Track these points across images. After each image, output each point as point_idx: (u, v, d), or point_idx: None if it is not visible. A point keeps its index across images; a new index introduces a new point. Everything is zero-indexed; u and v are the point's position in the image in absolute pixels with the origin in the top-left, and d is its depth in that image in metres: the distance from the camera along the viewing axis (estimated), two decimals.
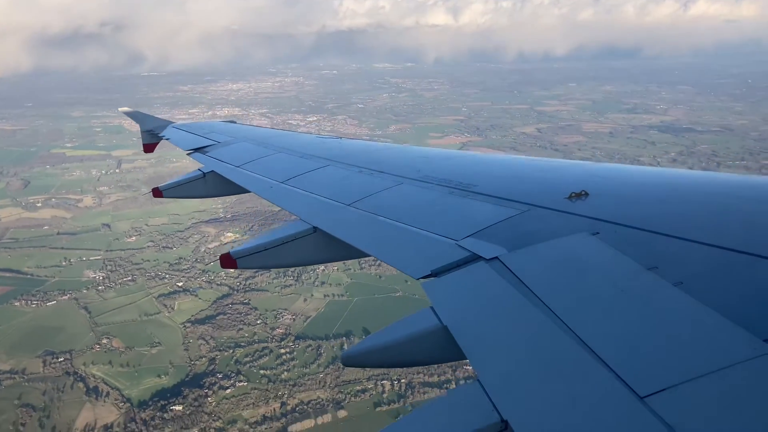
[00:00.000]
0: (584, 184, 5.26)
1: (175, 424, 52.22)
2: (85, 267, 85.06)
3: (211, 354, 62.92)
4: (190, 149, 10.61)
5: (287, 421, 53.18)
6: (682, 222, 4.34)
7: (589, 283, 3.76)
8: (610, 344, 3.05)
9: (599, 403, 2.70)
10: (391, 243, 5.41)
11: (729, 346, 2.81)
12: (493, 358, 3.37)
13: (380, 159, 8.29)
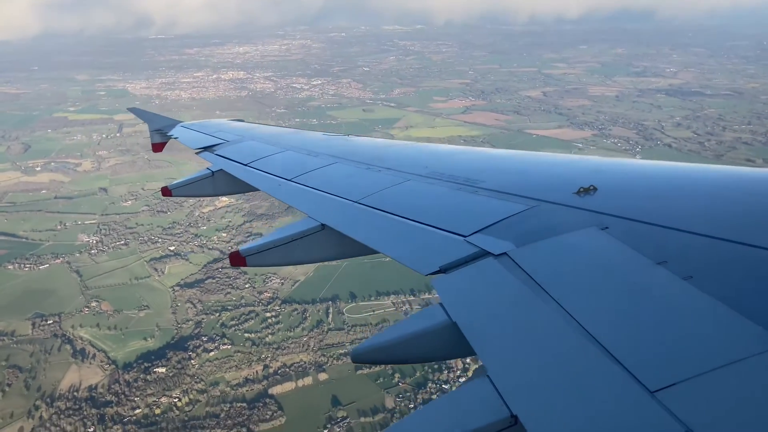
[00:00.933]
0: (592, 178, 5.23)
1: (157, 385, 52.97)
2: (79, 231, 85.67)
3: (197, 317, 63.55)
4: (199, 148, 10.59)
5: (269, 383, 53.76)
6: (692, 216, 4.32)
7: (599, 278, 3.77)
8: (620, 339, 3.05)
9: (609, 398, 2.70)
10: (399, 239, 5.37)
11: (739, 340, 2.81)
12: (503, 353, 3.36)
13: (387, 156, 8.31)
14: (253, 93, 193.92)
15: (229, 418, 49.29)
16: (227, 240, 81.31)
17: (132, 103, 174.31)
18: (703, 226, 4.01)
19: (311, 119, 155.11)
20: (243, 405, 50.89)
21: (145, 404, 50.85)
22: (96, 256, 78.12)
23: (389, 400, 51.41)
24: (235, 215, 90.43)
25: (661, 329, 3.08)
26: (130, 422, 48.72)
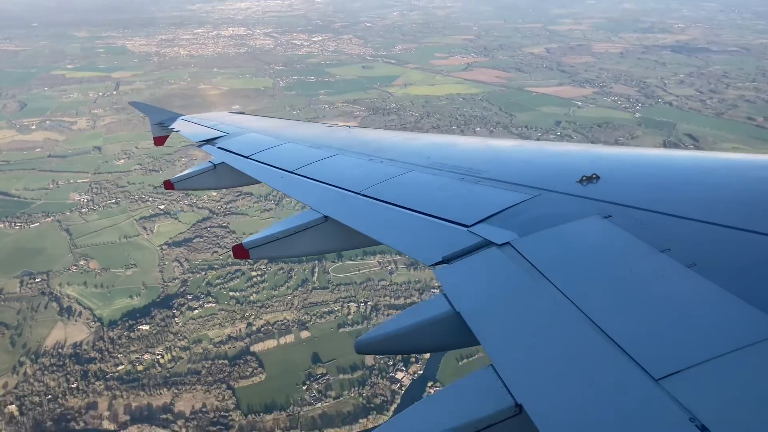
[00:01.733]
0: (595, 167, 5.23)
1: (140, 343, 53.66)
2: (71, 190, 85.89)
3: (184, 276, 64.00)
4: (200, 141, 10.56)
5: (251, 341, 54.36)
6: (695, 204, 4.32)
7: (602, 267, 3.77)
8: (624, 327, 3.06)
9: (613, 386, 2.70)
10: (403, 230, 5.37)
11: (743, 326, 2.81)
12: (507, 343, 3.38)
13: (389, 147, 8.33)
14: (253, 50, 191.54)
15: (210, 375, 50.01)
16: (217, 199, 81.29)
17: (130, 61, 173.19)
18: (706, 213, 4.00)
19: (309, 76, 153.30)
20: (224, 362, 51.54)
21: (128, 361, 51.61)
22: (86, 215, 78.41)
23: (369, 358, 51.78)
24: None
25: (665, 317, 3.09)
26: (112, 378, 49.50)
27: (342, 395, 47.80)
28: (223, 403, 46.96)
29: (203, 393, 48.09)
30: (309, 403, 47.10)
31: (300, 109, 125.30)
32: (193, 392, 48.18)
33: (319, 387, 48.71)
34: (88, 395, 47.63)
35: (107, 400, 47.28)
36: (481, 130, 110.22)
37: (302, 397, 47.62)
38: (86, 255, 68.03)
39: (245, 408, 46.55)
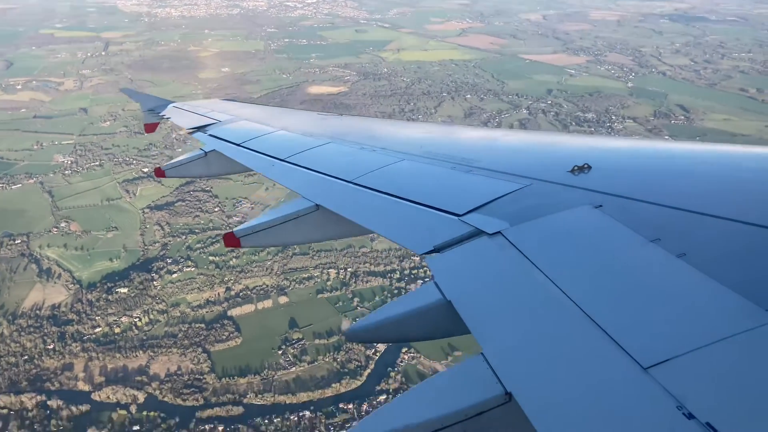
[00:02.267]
0: (587, 157, 5.23)
1: (118, 305, 53.84)
2: (55, 151, 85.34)
3: (164, 239, 64.00)
4: (191, 128, 10.49)
5: (229, 305, 54.59)
6: (685, 194, 4.34)
7: (592, 256, 3.80)
8: (614, 316, 3.08)
9: (603, 375, 2.73)
10: (394, 219, 5.38)
11: (732, 316, 2.84)
12: (497, 331, 3.40)
13: (382, 135, 8.34)
14: (245, 11, 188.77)
15: (186, 338, 50.30)
16: None
17: (121, 21, 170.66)
18: (697, 203, 4.02)
19: (301, 39, 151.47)
20: (201, 326, 51.81)
21: (105, 323, 51.82)
22: (69, 177, 78.04)
23: (346, 323, 52.17)
24: None
25: (655, 306, 3.13)
26: (89, 340, 49.76)
27: (317, 360, 48.19)
28: (198, 366, 47.31)
29: (179, 356, 48.41)
30: (284, 368, 47.47)
31: (290, 73, 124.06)
32: (168, 355, 48.51)
33: (295, 352, 49.07)
34: (65, 356, 47.91)
35: (83, 362, 47.58)
36: (471, 97, 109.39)
37: (277, 362, 47.98)
38: (68, 217, 67.87)
39: (220, 371, 46.91)
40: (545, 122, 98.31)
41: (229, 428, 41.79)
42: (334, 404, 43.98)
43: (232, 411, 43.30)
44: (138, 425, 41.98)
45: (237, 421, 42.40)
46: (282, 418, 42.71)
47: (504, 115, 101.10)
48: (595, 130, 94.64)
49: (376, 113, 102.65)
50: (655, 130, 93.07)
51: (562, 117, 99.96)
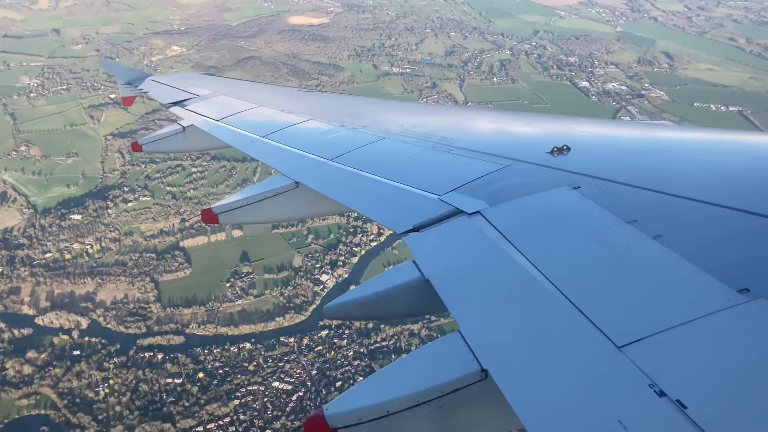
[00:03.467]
0: (566, 138, 5.29)
1: (71, 232, 53.77)
2: (22, 73, 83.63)
3: (124, 168, 63.48)
4: (169, 103, 10.28)
5: (182, 236, 54.60)
6: (662, 176, 4.42)
7: (569, 237, 3.83)
8: (590, 296, 3.12)
9: (578, 353, 2.77)
10: (374, 198, 5.40)
11: (704, 296, 2.89)
12: (474, 310, 3.45)
13: (363, 113, 8.33)
14: None
15: (136, 267, 50.50)
16: None
17: None
18: (673, 186, 4.07)
19: None
20: (152, 256, 51.95)
21: (56, 249, 51.88)
22: (34, 100, 76.72)
23: (298, 259, 52.44)
24: (184, 65, 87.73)
25: (630, 286, 3.19)
26: (38, 265, 49.91)
27: (264, 294, 48.60)
28: (144, 295, 47.66)
29: (127, 284, 48.71)
30: (230, 300, 47.89)
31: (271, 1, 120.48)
32: (116, 283, 48.80)
33: (243, 285, 49.41)
34: (12, 280, 48.16)
35: (30, 287, 47.89)
36: (455, 35, 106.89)
37: (224, 294, 48.37)
38: (28, 141, 67.08)
39: (165, 301, 47.32)
40: (526, 64, 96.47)
41: (168, 357, 42.35)
42: (276, 337, 44.54)
43: (173, 340, 43.87)
44: (79, 350, 42.48)
45: (177, 350, 42.99)
46: (222, 348, 43.31)
47: (485, 55, 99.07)
48: (575, 74, 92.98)
49: (355, 47, 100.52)
50: (636, 78, 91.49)
51: (544, 60, 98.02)
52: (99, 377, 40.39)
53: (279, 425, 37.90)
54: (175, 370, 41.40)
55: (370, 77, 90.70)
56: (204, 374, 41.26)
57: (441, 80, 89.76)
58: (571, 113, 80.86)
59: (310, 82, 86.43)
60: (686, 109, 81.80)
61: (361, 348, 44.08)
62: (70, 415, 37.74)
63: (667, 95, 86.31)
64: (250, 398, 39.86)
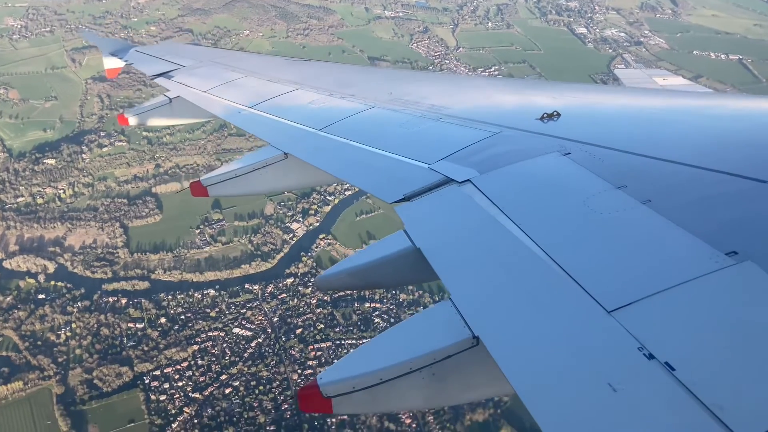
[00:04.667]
0: (556, 104, 5.29)
1: (44, 176, 53.74)
2: (7, 14, 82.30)
3: (102, 112, 62.96)
4: (155, 74, 10.16)
5: (155, 182, 54.42)
6: (651, 141, 4.41)
7: (560, 203, 3.84)
8: (579, 261, 3.14)
9: (568, 318, 2.80)
10: (364, 168, 5.40)
11: (693, 260, 2.90)
12: (465, 277, 3.48)
13: (351, 81, 8.25)
14: None
15: (107, 212, 50.56)
16: (155, 34, 78.16)
17: None
18: (662, 151, 4.07)
19: None
20: (124, 201, 51.93)
21: (29, 193, 51.95)
22: (17, 42, 75.79)
23: (270, 207, 52.23)
24: (170, 8, 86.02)
25: (619, 251, 3.21)
26: (9, 209, 50.06)
27: (232, 241, 48.61)
28: (113, 241, 47.85)
29: (96, 229, 48.87)
30: (198, 247, 47.97)
31: None
32: (86, 228, 48.96)
33: (212, 232, 49.41)
34: None
35: (1, 230, 48.07)
36: None
37: (193, 240, 48.43)
38: (7, 84, 66.49)
39: (134, 246, 47.52)
40: (524, 9, 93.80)
41: (132, 302, 42.70)
42: (241, 284, 44.72)
43: (138, 285, 44.20)
44: (44, 294, 42.92)
45: (141, 296, 43.34)
46: (186, 294, 43.57)
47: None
48: (574, 20, 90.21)
49: None
50: (636, 24, 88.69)
51: (542, 5, 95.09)
52: (62, 321, 40.90)
53: (236, 370, 38.34)
54: (137, 315, 41.82)
55: (360, 21, 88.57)
56: (166, 319, 41.68)
57: (434, 24, 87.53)
58: (564, 60, 79.01)
59: (299, 26, 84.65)
60: (684, 58, 79.44)
61: (326, 296, 44.18)
62: (30, 357, 38.35)
63: (667, 42, 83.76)
64: (210, 344, 40.29)
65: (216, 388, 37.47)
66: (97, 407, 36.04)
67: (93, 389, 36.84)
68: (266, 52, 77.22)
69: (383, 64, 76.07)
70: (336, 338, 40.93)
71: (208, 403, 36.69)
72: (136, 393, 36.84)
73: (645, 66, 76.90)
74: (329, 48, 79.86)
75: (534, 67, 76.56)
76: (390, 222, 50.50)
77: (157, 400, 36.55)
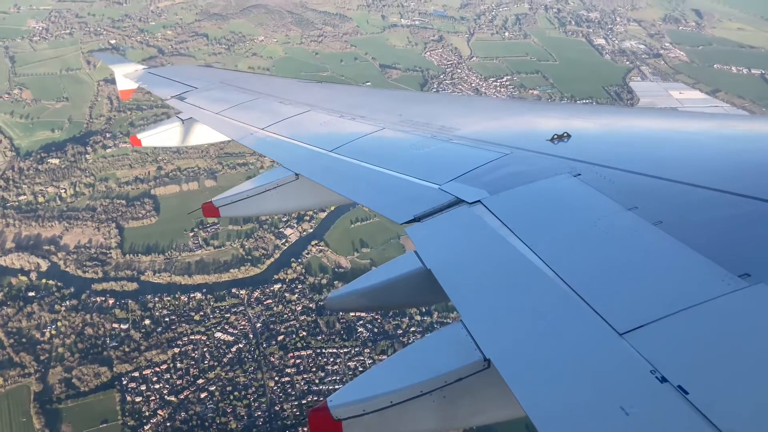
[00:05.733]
0: (566, 125, 5.30)
1: (47, 175, 54.60)
2: (30, 16, 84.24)
3: (110, 114, 63.85)
4: (168, 96, 10.34)
5: (155, 184, 54.91)
6: (662, 162, 4.37)
7: (570, 224, 3.83)
8: (591, 283, 3.13)
9: (579, 340, 2.77)
10: (375, 189, 5.43)
11: (705, 282, 2.87)
12: (476, 298, 3.47)
13: (361, 103, 8.34)
14: None
15: (105, 213, 51.11)
16: (170, 38, 79.16)
17: None
18: (673, 172, 4.04)
19: None
20: (122, 202, 52.43)
21: (31, 192, 52.83)
22: (37, 44, 77.38)
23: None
24: (189, 12, 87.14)
25: (631, 273, 3.17)
26: (11, 207, 50.95)
27: (224, 245, 48.71)
28: (107, 241, 48.33)
29: (93, 229, 49.42)
30: (190, 250, 48.18)
31: None
32: (83, 228, 49.55)
33: (206, 236, 49.60)
34: None
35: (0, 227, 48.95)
36: None
37: (186, 243, 48.65)
38: (23, 84, 67.94)
39: (127, 247, 47.92)
40: (543, 19, 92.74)
41: (119, 302, 43.01)
42: (228, 289, 44.73)
43: (126, 286, 44.48)
44: (34, 291, 43.47)
45: (129, 296, 43.60)
46: (173, 297, 43.73)
47: (502, 8, 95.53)
48: (593, 31, 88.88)
49: None
50: (657, 36, 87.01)
51: (563, 15, 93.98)
52: (48, 319, 41.32)
53: (213, 375, 38.27)
54: (122, 316, 42.05)
55: (375, 29, 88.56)
56: (150, 321, 41.82)
57: (449, 33, 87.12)
58: (578, 71, 77.75)
59: (313, 32, 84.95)
60: (704, 71, 77.60)
61: (311, 303, 43.95)
62: (13, 354, 38.80)
63: (687, 55, 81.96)
64: (191, 347, 40.32)
65: (192, 392, 37.43)
66: (72, 406, 36.24)
67: (71, 388, 37.06)
68: (279, 57, 77.70)
69: (394, 72, 75.92)
70: (317, 346, 40.63)
71: (182, 406, 36.67)
72: (113, 393, 36.97)
73: (661, 79, 75.50)
74: (341, 55, 79.91)
75: (547, 77, 75.58)
76: (384, 230, 50.19)
77: (132, 402, 36.63)
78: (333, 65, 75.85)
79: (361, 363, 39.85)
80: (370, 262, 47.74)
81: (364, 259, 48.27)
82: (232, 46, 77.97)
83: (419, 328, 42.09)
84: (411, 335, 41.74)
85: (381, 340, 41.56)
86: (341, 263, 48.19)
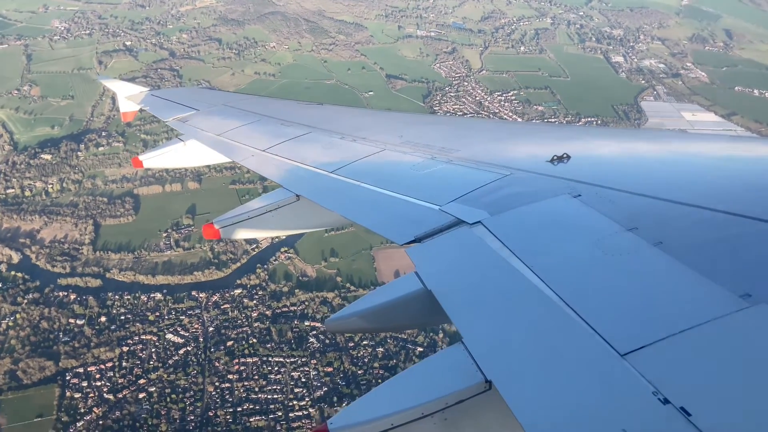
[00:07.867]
0: (566, 146, 5.36)
1: (37, 171, 55.98)
2: (56, 16, 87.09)
3: (111, 113, 65.10)
4: (170, 118, 10.54)
5: (140, 183, 55.64)
6: (662, 183, 4.46)
7: (571, 245, 3.89)
8: (592, 304, 3.17)
9: (581, 361, 2.82)
10: (375, 210, 5.49)
11: (707, 303, 2.92)
12: (477, 320, 3.51)
13: (362, 125, 8.48)
14: None
15: (85, 210, 52.01)
16: (185, 42, 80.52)
17: None
18: (673, 192, 4.10)
19: None
20: (104, 200, 53.27)
21: (19, 186, 54.21)
22: (56, 43, 79.80)
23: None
24: (207, 17, 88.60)
25: (632, 294, 3.21)
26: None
27: (194, 247, 48.88)
28: (82, 237, 49.07)
29: (71, 225, 50.29)
30: (160, 250, 48.52)
31: None
32: (62, 223, 50.49)
33: (178, 237, 49.89)
34: None
35: None
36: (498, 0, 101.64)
37: (157, 243, 49.01)
38: (33, 81, 70.04)
39: (99, 244, 48.55)
40: (563, 35, 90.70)
41: (79, 298, 43.56)
42: (188, 291, 44.80)
43: (90, 283, 45.01)
44: (1, 283, 44.41)
45: (91, 293, 44.11)
46: (133, 296, 44.05)
47: (523, 22, 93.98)
48: (613, 48, 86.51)
49: (387, 6, 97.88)
50: (680, 55, 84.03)
51: (585, 31, 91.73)
52: (9, 310, 42.09)
53: (155, 376, 38.28)
54: (80, 312, 42.53)
55: (389, 38, 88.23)
56: (106, 318, 42.19)
57: (463, 46, 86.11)
58: (589, 88, 75.63)
59: (326, 40, 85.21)
60: (723, 93, 74.52)
61: (268, 310, 43.64)
62: None
63: (708, 76, 78.89)
64: (140, 347, 40.47)
65: (131, 392, 37.49)
66: (12, 398, 36.71)
67: (14, 380, 37.60)
68: (287, 64, 78.14)
69: (399, 82, 75.39)
70: (264, 354, 40.26)
71: (118, 405, 36.75)
72: (53, 388, 37.33)
73: (675, 99, 72.63)
74: (350, 64, 79.84)
75: (555, 93, 73.77)
76: (358, 241, 49.50)
77: (71, 398, 36.91)
78: (340, 74, 75.79)
79: (305, 374, 39.33)
80: (336, 272, 47.19)
81: (331, 268, 47.71)
82: (243, 51, 78.81)
83: (371, 342, 41.33)
84: (361, 348, 41.02)
85: (330, 352, 40.95)
86: (307, 272, 47.75)
